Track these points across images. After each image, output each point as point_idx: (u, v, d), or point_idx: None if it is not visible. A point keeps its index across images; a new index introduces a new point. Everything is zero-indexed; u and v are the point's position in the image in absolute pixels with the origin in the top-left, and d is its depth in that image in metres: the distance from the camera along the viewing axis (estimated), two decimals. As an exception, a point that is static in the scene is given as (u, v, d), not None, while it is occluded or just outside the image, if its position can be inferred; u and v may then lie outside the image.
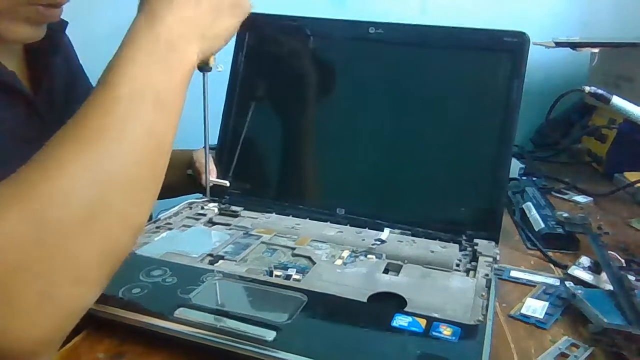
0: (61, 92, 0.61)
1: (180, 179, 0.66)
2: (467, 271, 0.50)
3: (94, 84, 0.68)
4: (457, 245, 0.54)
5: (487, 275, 0.48)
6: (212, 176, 0.63)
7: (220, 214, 0.61)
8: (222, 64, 0.55)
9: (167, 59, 0.41)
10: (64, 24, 0.60)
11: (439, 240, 0.55)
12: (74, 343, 0.39)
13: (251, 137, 0.64)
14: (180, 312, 0.39)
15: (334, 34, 0.62)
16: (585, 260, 0.56)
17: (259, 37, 0.61)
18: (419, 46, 0.60)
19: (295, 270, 0.47)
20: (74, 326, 0.35)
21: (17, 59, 0.57)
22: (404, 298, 0.43)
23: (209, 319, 0.38)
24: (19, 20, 0.51)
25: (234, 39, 0.62)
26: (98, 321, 0.39)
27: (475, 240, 0.54)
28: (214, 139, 0.63)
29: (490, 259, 0.50)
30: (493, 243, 0.54)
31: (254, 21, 0.53)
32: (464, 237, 0.55)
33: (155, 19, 0.41)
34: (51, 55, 0.60)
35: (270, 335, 0.36)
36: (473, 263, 0.51)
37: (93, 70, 0.69)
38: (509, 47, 0.55)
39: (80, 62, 0.68)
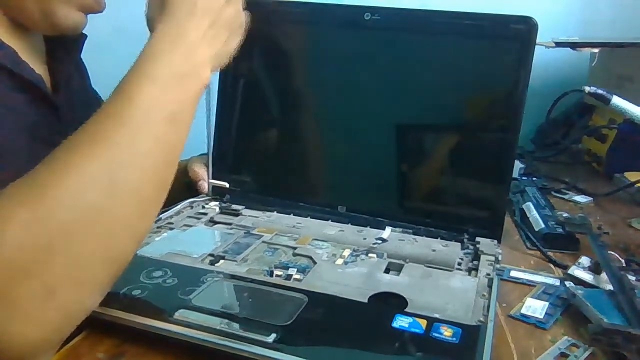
0: (80, 97, 0.62)
1: (178, 188, 0.66)
2: (469, 270, 0.50)
3: (94, 84, 0.69)
4: (459, 244, 0.54)
5: (488, 274, 0.48)
6: (205, 183, 0.63)
7: (221, 212, 0.61)
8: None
9: (185, 78, 0.41)
10: (83, 36, 0.61)
11: (441, 239, 0.55)
12: (74, 343, 0.39)
13: (249, 134, 0.63)
14: (181, 314, 0.39)
15: (328, 20, 0.59)
16: (585, 260, 0.56)
17: (250, 27, 0.60)
18: (419, 33, 0.57)
19: (295, 270, 0.47)
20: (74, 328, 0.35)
21: (42, 62, 0.58)
22: (404, 298, 0.43)
23: (209, 320, 0.38)
24: (74, 7, 0.53)
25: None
26: (98, 321, 0.39)
27: (477, 239, 0.54)
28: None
29: (492, 258, 0.50)
30: (495, 242, 0.53)
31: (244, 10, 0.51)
32: (466, 236, 0.55)
33: (180, 37, 0.42)
34: (69, 61, 0.61)
35: (270, 336, 0.36)
36: (475, 262, 0.51)
37: (94, 70, 0.69)
38: (515, 32, 0.52)
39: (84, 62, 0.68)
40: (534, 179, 0.86)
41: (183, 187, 0.65)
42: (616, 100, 0.59)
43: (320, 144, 0.63)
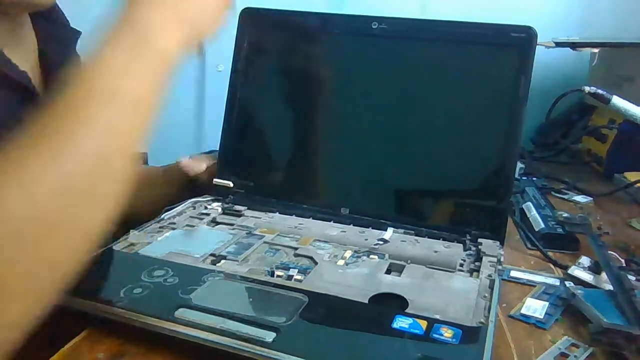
0: None
1: (178, 192, 0.66)
2: (471, 272, 0.49)
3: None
4: (461, 245, 0.54)
5: (490, 276, 0.47)
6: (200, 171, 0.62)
7: (223, 213, 0.61)
8: (222, 64, 0.54)
9: (139, 49, 0.35)
10: (77, 33, 0.60)
11: (443, 240, 0.55)
12: (74, 343, 0.39)
13: (255, 136, 0.64)
14: (181, 313, 0.39)
15: (336, 29, 0.61)
16: (585, 260, 0.56)
17: (261, 34, 0.59)
18: (423, 41, 0.59)
19: (297, 270, 0.47)
20: (62, 323, 0.34)
21: (31, 61, 0.57)
22: (405, 299, 0.43)
23: (208, 319, 0.38)
24: None
25: (233, 36, 0.61)
26: (99, 321, 0.39)
27: (480, 240, 0.54)
28: (214, 143, 0.63)
29: (495, 260, 0.50)
30: (497, 243, 0.53)
31: (254, 16, 0.52)
32: (468, 237, 0.55)
33: (126, 9, 0.37)
34: (62, 58, 0.60)
35: (269, 336, 0.36)
36: (477, 263, 0.50)
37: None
38: (515, 41, 0.54)
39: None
40: (534, 179, 0.86)
41: (183, 189, 0.65)
42: (616, 100, 0.59)
43: (325, 147, 0.63)
